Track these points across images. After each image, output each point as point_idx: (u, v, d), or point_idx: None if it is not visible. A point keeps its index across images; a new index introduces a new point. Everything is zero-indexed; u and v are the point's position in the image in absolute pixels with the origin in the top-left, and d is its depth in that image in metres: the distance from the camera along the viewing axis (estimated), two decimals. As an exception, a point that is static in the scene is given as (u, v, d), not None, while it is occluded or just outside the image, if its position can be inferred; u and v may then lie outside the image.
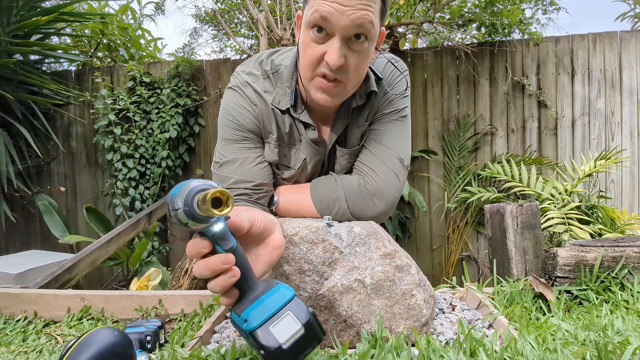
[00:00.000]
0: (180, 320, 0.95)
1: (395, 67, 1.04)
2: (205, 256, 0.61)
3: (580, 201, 2.82)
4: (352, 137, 1.03)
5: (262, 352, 0.55)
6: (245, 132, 0.98)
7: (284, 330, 0.56)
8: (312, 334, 0.58)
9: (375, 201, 0.95)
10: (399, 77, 1.05)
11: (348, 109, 1.00)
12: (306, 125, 0.99)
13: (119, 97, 3.47)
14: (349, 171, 1.04)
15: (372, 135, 1.02)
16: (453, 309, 0.92)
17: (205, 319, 0.91)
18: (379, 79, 1.00)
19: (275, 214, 1.00)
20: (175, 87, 3.43)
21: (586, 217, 2.53)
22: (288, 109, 0.97)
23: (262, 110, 0.98)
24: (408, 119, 1.06)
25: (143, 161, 3.43)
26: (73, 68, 3.88)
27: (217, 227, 0.59)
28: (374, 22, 0.81)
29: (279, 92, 0.98)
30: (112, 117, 3.37)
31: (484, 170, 3.13)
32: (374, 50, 0.89)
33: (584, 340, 0.72)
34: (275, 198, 0.99)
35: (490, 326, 0.83)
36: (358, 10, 0.79)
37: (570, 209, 2.51)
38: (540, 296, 0.91)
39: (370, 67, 0.98)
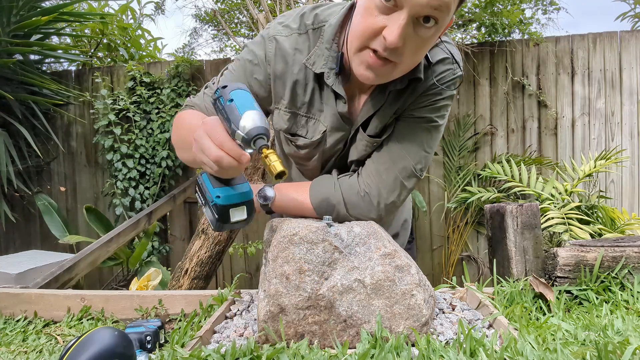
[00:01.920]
0: (180, 320, 0.95)
1: (455, 59, 0.90)
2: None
3: (580, 201, 2.82)
4: (376, 123, 0.92)
5: (215, 221, 0.73)
6: (254, 84, 0.92)
7: (236, 215, 0.73)
8: (249, 220, 0.76)
9: (375, 208, 0.91)
10: (451, 73, 0.90)
11: (385, 90, 0.88)
12: (337, 96, 0.89)
13: (119, 97, 3.47)
14: (363, 161, 0.96)
15: (395, 133, 0.92)
16: (453, 309, 0.92)
17: (205, 319, 0.91)
18: (428, 65, 0.88)
19: (270, 212, 0.95)
20: (175, 87, 3.43)
21: (586, 217, 2.53)
22: (322, 73, 0.87)
23: (277, 70, 0.89)
24: (442, 127, 0.95)
25: (143, 161, 3.43)
26: (73, 68, 3.88)
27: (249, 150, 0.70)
28: (450, 8, 0.72)
29: (316, 53, 0.87)
30: (112, 117, 3.37)
31: (484, 170, 3.13)
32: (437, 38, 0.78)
33: (584, 340, 0.72)
34: (271, 194, 0.93)
35: (490, 326, 0.83)
36: None
37: (570, 209, 2.51)
38: (540, 296, 0.91)
39: None
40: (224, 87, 0.71)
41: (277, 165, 0.66)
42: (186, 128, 0.88)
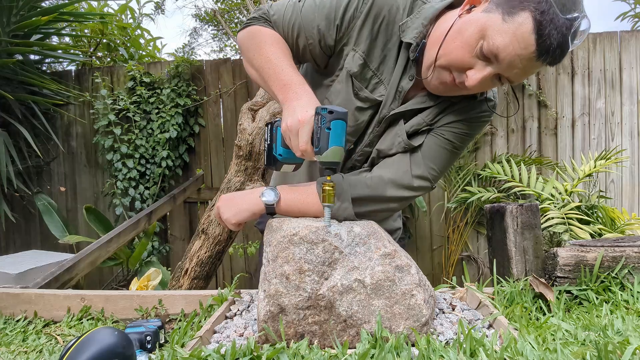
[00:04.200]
0: (180, 320, 0.95)
1: (495, 104, 1.03)
2: None
3: (580, 201, 2.82)
4: (415, 120, 0.98)
5: (271, 163, 0.93)
6: (339, 17, 0.94)
7: (285, 168, 0.94)
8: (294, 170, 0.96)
9: (377, 206, 0.97)
10: (488, 115, 1.02)
11: (438, 97, 0.97)
12: (405, 72, 0.95)
13: (119, 97, 3.47)
14: (391, 150, 0.99)
15: (427, 144, 0.99)
16: (453, 309, 0.92)
17: (205, 319, 0.91)
18: (474, 97, 0.99)
19: (273, 213, 0.96)
20: (175, 87, 3.42)
21: (586, 217, 2.52)
22: (408, 44, 0.93)
23: (370, 12, 0.92)
24: (459, 155, 1.05)
25: (143, 161, 3.43)
26: (73, 68, 3.88)
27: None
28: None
29: (411, 21, 0.92)
30: (112, 117, 3.37)
31: (484, 170, 3.13)
32: None
33: (584, 340, 0.72)
34: (274, 196, 0.95)
35: (490, 326, 0.83)
36: (529, 68, 0.80)
37: (570, 209, 2.51)
38: (540, 296, 0.91)
39: None
40: (331, 112, 0.81)
41: (331, 199, 0.83)
42: (268, 60, 0.93)
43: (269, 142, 0.93)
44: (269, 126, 0.93)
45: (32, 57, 3.54)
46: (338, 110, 0.80)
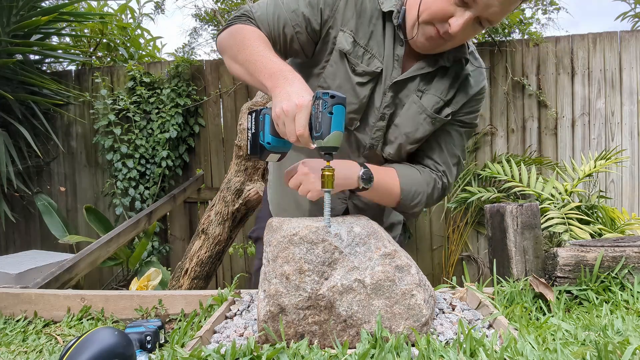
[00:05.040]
0: (180, 320, 0.95)
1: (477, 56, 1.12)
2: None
3: (580, 201, 2.82)
4: (434, 99, 1.05)
5: (256, 152, 0.91)
6: (322, 2, 0.99)
7: (271, 157, 0.92)
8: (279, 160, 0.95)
9: (437, 199, 1.11)
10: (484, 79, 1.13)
11: (436, 64, 1.03)
12: (395, 41, 1.00)
13: (119, 97, 3.47)
14: (418, 131, 1.06)
15: (449, 134, 1.11)
16: (453, 309, 0.92)
17: (205, 319, 0.91)
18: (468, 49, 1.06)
19: (355, 190, 0.99)
20: (175, 87, 3.42)
21: (586, 217, 2.52)
22: (389, 12, 0.98)
23: None
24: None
25: (143, 161, 3.43)
26: (73, 68, 3.88)
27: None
28: (504, 16, 0.90)
29: None
30: (112, 117, 3.37)
31: (484, 170, 3.13)
32: None
33: (584, 340, 0.72)
34: (370, 174, 0.97)
35: (490, 326, 0.83)
36: (506, 5, 0.86)
37: (570, 209, 2.51)
38: (540, 296, 0.91)
39: None
40: (332, 96, 0.81)
41: (330, 184, 0.83)
42: (253, 53, 0.95)
43: (253, 131, 0.91)
44: (253, 114, 0.92)
45: (32, 57, 3.54)
46: (339, 95, 0.81)
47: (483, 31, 0.93)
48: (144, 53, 4.33)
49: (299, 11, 0.99)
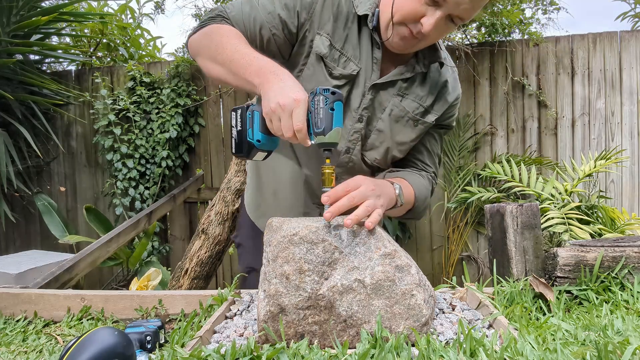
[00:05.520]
0: (180, 320, 0.95)
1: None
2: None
3: (580, 201, 2.82)
4: (411, 104, 1.07)
5: (242, 150, 0.88)
6: (299, 5, 0.99)
7: (258, 156, 0.89)
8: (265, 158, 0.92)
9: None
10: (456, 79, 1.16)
11: (414, 68, 1.05)
12: (373, 44, 1.01)
13: (119, 97, 3.47)
14: (393, 126, 1.07)
15: (433, 137, 1.17)
16: (453, 309, 0.92)
17: (205, 319, 0.91)
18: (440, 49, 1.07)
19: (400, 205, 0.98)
20: (175, 87, 3.42)
21: (586, 217, 2.52)
22: (365, 16, 0.99)
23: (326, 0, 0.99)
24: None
25: (143, 161, 3.43)
26: (73, 68, 3.88)
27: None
28: (475, 14, 0.92)
29: None
30: (112, 117, 3.37)
31: (484, 170, 3.13)
32: None
33: (584, 340, 0.72)
34: (399, 190, 0.97)
35: (490, 326, 0.83)
36: (477, 1, 0.88)
37: (570, 209, 2.51)
38: (540, 296, 0.91)
39: None
40: (333, 92, 0.81)
41: (332, 181, 0.83)
42: (233, 51, 0.92)
43: (239, 128, 0.88)
44: (238, 111, 0.88)
45: (32, 57, 3.54)
46: (339, 91, 0.82)
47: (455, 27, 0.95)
48: (144, 53, 4.34)
49: (275, 13, 0.99)
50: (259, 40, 1.00)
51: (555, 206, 2.57)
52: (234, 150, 0.89)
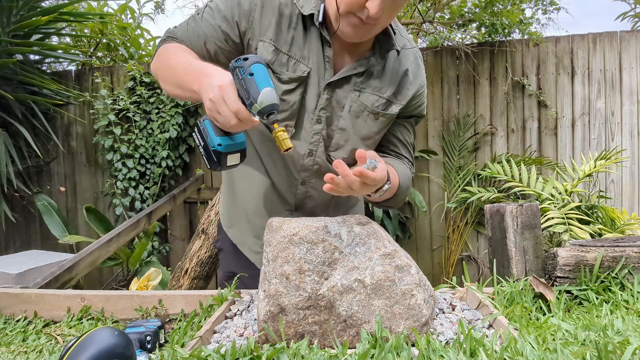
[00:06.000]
0: (180, 320, 0.95)
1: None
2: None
3: (580, 201, 2.82)
4: (370, 97, 1.05)
5: (213, 163, 0.85)
6: (237, 15, 0.99)
7: (232, 160, 0.87)
8: (240, 163, 0.90)
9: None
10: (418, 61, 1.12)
11: (368, 60, 1.03)
12: (323, 42, 1.00)
13: (119, 97, 3.47)
14: (363, 129, 1.06)
15: (405, 127, 1.15)
16: (453, 309, 0.92)
17: (205, 319, 0.91)
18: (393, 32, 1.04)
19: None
20: (175, 87, 3.42)
21: (586, 217, 2.53)
22: (310, 15, 0.98)
23: (264, 1, 0.98)
24: None
25: (143, 161, 3.43)
26: (73, 68, 3.88)
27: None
28: None
29: None
30: (112, 117, 3.37)
31: (484, 170, 3.13)
32: None
33: (584, 340, 0.72)
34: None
35: (490, 326, 0.83)
36: None
37: (570, 209, 2.51)
38: (540, 296, 0.91)
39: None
40: (245, 58, 0.79)
41: (286, 142, 0.80)
42: (175, 65, 0.97)
43: (202, 143, 0.87)
44: (195, 129, 0.89)
45: (32, 57, 3.53)
46: (252, 55, 0.80)
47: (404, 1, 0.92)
48: (144, 53, 4.33)
49: (217, 25, 1.00)
50: (207, 54, 1.03)
51: (555, 206, 2.57)
52: (207, 166, 0.88)
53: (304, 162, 1.08)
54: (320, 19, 0.97)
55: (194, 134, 0.90)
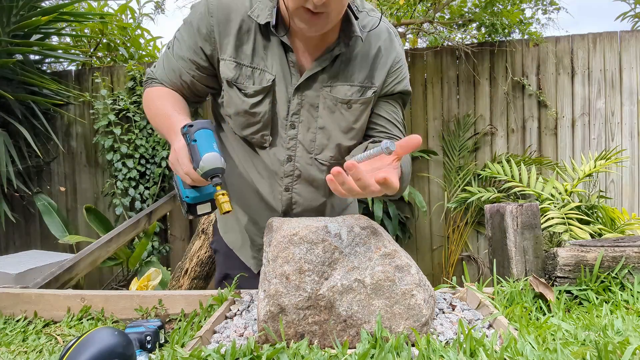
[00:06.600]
0: (180, 320, 0.95)
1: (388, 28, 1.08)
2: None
3: (580, 201, 2.82)
4: (342, 89, 1.03)
5: (185, 212, 0.93)
6: (199, 41, 1.01)
7: (202, 209, 0.93)
8: (212, 211, 0.95)
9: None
10: (390, 38, 1.07)
11: (331, 53, 1.01)
12: (286, 48, 1.00)
13: (118, 97, 3.47)
14: (331, 117, 1.04)
15: (391, 105, 1.10)
16: (453, 309, 0.92)
17: (205, 319, 0.91)
18: (355, 18, 1.00)
19: None
20: (175, 87, 3.42)
21: (586, 217, 2.53)
22: (267, 24, 0.97)
23: (220, 20, 0.98)
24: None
25: (143, 161, 3.43)
26: (73, 68, 3.88)
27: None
28: None
29: (259, 6, 0.98)
30: (112, 117, 3.37)
31: (484, 170, 3.13)
32: None
33: (584, 340, 0.72)
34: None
35: (490, 326, 0.83)
36: None
37: (570, 209, 2.51)
38: (540, 296, 0.91)
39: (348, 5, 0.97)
40: (191, 125, 0.85)
41: (224, 206, 0.84)
42: (154, 116, 1.05)
43: (178, 194, 0.95)
44: (173, 182, 0.98)
45: (32, 57, 3.53)
46: (198, 121, 0.86)
47: None
48: (144, 53, 4.33)
49: (186, 57, 1.03)
50: (185, 86, 1.07)
51: (555, 206, 2.57)
52: (184, 215, 0.95)
53: (284, 168, 1.08)
54: (273, 22, 0.96)
55: (174, 184, 0.98)
